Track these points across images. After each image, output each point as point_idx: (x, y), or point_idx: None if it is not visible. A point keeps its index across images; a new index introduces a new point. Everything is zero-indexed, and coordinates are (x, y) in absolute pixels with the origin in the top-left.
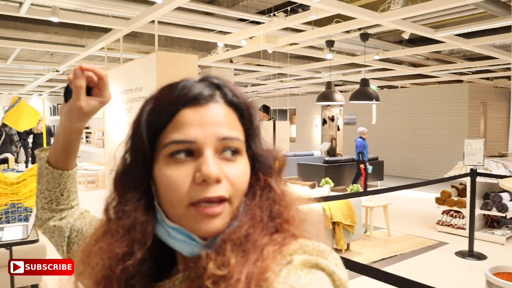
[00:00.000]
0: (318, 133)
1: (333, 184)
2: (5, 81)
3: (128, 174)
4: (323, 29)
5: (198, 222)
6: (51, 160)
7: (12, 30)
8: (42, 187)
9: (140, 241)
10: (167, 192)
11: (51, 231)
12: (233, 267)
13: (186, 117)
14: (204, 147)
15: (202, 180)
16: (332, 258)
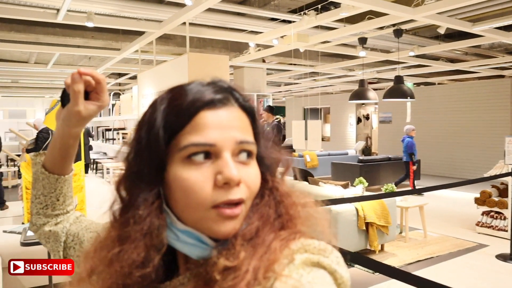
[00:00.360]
0: (352, 131)
1: (367, 184)
2: (46, 85)
3: (140, 176)
4: (355, 26)
5: (218, 224)
6: (47, 165)
7: (51, 36)
8: (38, 192)
9: (157, 246)
10: (184, 195)
11: (47, 236)
12: (242, 260)
13: (205, 119)
14: (223, 150)
15: (224, 183)
16: (334, 257)
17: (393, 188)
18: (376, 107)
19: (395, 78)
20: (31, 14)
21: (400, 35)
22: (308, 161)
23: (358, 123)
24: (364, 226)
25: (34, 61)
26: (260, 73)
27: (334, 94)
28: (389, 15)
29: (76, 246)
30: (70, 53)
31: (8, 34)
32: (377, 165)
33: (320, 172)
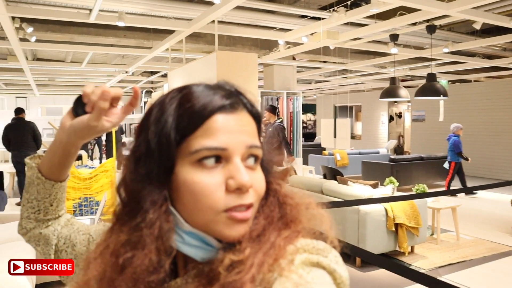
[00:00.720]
0: (384, 130)
1: (397, 183)
2: (81, 83)
3: (149, 178)
4: (386, 23)
5: (229, 228)
6: (44, 170)
7: (85, 36)
8: (31, 197)
9: (167, 250)
10: (194, 199)
11: (37, 239)
12: (248, 255)
13: (217, 124)
14: (233, 154)
15: (236, 188)
16: (333, 256)
17: (424, 189)
18: (409, 105)
19: (428, 75)
20: (66, 15)
21: (433, 31)
22: (339, 159)
23: (390, 121)
24: (393, 227)
25: (70, 60)
26: (290, 71)
27: (366, 91)
28: (422, 11)
29: (68, 249)
30: (103, 52)
31: (45, 34)
32: (409, 164)
33: (350, 171)
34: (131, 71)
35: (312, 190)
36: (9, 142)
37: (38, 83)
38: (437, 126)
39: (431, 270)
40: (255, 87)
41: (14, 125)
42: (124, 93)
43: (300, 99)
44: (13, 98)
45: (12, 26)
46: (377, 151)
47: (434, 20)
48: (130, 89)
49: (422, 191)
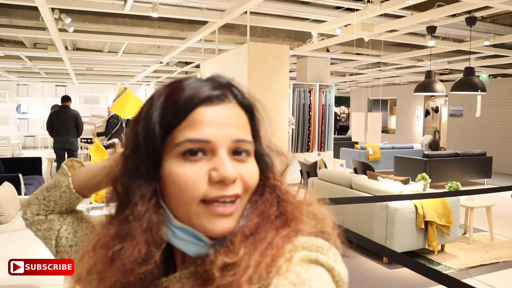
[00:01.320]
0: (420, 124)
1: (430, 180)
2: (118, 72)
3: (137, 172)
4: (423, 14)
5: (211, 221)
6: (76, 184)
7: (121, 26)
8: (50, 197)
9: (157, 242)
10: (178, 191)
11: (41, 223)
12: (241, 256)
13: (202, 116)
14: (218, 147)
15: (219, 179)
16: (331, 254)
17: (457, 187)
18: (446, 99)
19: (465, 69)
20: (101, 6)
21: (473, 23)
22: (371, 154)
23: (426, 115)
24: (423, 224)
25: (108, 50)
26: (324, 63)
27: (402, 85)
28: (461, 2)
29: (69, 236)
30: (138, 42)
31: (83, 25)
32: (443, 160)
33: (383, 165)
34: (166, 61)
35: (341, 184)
36: (52, 128)
37: (77, 72)
38: (475, 122)
39: (461, 270)
40: (286, 79)
41: (59, 112)
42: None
43: (333, 91)
44: (53, 86)
45: (51, 17)
46: (411, 146)
47: (475, 11)
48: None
49: (455, 188)
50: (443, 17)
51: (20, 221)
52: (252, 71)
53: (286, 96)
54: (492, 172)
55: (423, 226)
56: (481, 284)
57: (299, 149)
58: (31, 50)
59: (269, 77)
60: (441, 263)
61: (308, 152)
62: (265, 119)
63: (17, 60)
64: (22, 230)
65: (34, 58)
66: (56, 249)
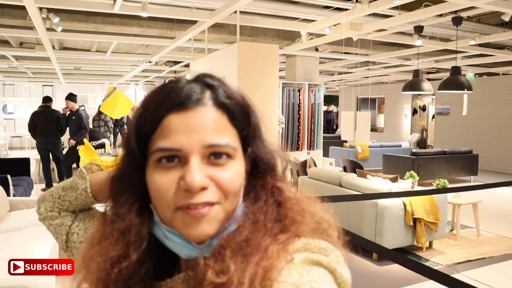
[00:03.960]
0: (407, 123)
1: (418, 178)
2: (106, 72)
3: (122, 178)
4: (411, 14)
5: (187, 226)
6: (92, 187)
7: (110, 25)
8: (65, 197)
9: (135, 243)
10: (155, 197)
11: (54, 217)
12: (232, 273)
13: (171, 124)
14: (189, 154)
15: (185, 189)
16: (334, 256)
17: (445, 184)
18: (434, 98)
19: (452, 68)
20: (90, 5)
21: (459, 23)
22: (359, 152)
23: (413, 114)
24: (411, 221)
25: (96, 49)
26: (313, 62)
27: (390, 84)
28: (448, 2)
29: (80, 232)
30: (128, 41)
31: (71, 24)
32: (431, 158)
33: (371, 164)
34: (155, 61)
35: (331, 182)
36: (35, 128)
37: (64, 72)
38: (461, 120)
39: (449, 266)
40: (276, 78)
41: (41, 112)
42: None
43: (322, 90)
44: (40, 86)
45: (39, 16)
46: (399, 144)
47: (461, 11)
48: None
49: (443, 186)
50: (430, 17)
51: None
52: (242, 70)
53: (276, 95)
54: (478, 170)
55: (412, 223)
56: (468, 279)
57: (289, 148)
58: (18, 49)
59: (259, 76)
60: (429, 259)
61: (298, 150)
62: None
63: (3, 59)
64: (12, 231)
65: (21, 57)
66: (67, 244)
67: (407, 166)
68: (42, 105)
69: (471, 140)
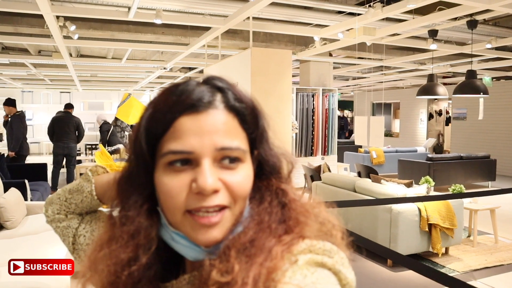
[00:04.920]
0: (423, 128)
1: (433, 183)
2: (122, 78)
3: (130, 179)
4: (425, 18)
5: (195, 231)
6: (98, 191)
7: (125, 33)
8: (72, 200)
9: (145, 246)
10: (164, 199)
11: (61, 220)
12: (237, 273)
13: (183, 126)
14: (201, 157)
15: (198, 191)
16: (338, 257)
17: (461, 189)
18: (450, 102)
19: (467, 72)
20: (106, 13)
21: (474, 27)
22: (374, 157)
23: (429, 119)
24: (426, 227)
25: (112, 56)
26: (327, 67)
27: (405, 88)
28: (462, 5)
29: (87, 234)
30: (142, 48)
31: (87, 32)
32: (447, 163)
33: (387, 169)
34: (169, 67)
35: (345, 187)
36: (53, 133)
37: (81, 79)
38: (478, 124)
39: (465, 272)
40: (289, 84)
41: (61, 117)
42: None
43: (336, 95)
44: (58, 93)
45: (56, 25)
46: (414, 150)
47: (477, 14)
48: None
49: (459, 191)
50: (444, 21)
51: (27, 226)
52: (255, 76)
53: (289, 100)
54: (496, 175)
55: (427, 229)
56: (486, 286)
57: (303, 153)
58: (36, 57)
59: (272, 82)
60: (445, 266)
61: (312, 156)
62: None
63: (22, 67)
64: (29, 235)
65: (39, 65)
66: (74, 246)
67: (422, 172)
68: (63, 110)
69: (489, 145)
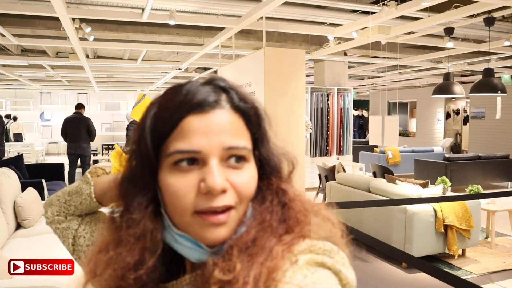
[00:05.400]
0: (440, 127)
1: (450, 183)
2: (138, 79)
3: (134, 180)
4: (441, 16)
5: (204, 230)
6: (97, 193)
7: (140, 34)
8: (71, 202)
9: (151, 249)
10: (171, 200)
11: (60, 221)
12: (238, 272)
13: (190, 125)
14: (209, 157)
15: (207, 191)
16: (339, 257)
17: (478, 190)
18: (468, 101)
19: (484, 70)
20: (120, 15)
21: (492, 24)
22: (390, 157)
23: (447, 118)
24: (442, 228)
25: (128, 57)
26: (341, 67)
27: (422, 87)
28: (479, 2)
29: (86, 235)
30: (157, 49)
31: (103, 33)
32: (464, 163)
33: (402, 169)
34: (184, 68)
35: (359, 188)
36: (66, 134)
37: (98, 80)
38: (497, 124)
39: (482, 275)
40: (302, 83)
41: (72, 118)
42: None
43: (351, 95)
44: (75, 94)
45: (72, 27)
46: (431, 149)
47: (495, 11)
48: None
49: (476, 192)
50: (461, 18)
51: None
52: (269, 76)
53: (302, 100)
54: None
55: (443, 230)
56: None
57: (318, 153)
58: (53, 59)
59: (285, 81)
60: (462, 268)
61: (327, 156)
62: (267, 121)
63: (40, 69)
64: (46, 234)
65: (56, 66)
66: (73, 247)
67: (439, 172)
68: (75, 111)
69: (508, 144)
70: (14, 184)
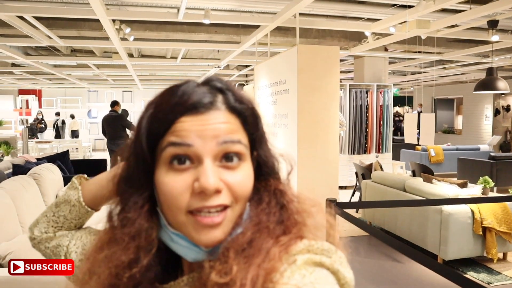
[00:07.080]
0: (488, 124)
1: (492, 184)
2: (179, 76)
3: (130, 180)
4: (484, 8)
5: (198, 232)
6: (86, 197)
7: (179, 33)
8: (60, 213)
9: (146, 248)
10: (166, 199)
11: (49, 240)
12: (235, 274)
13: (185, 125)
14: (203, 154)
15: (200, 191)
16: (337, 257)
17: None
18: None
19: None
20: (156, 15)
21: None
22: (433, 156)
23: (496, 115)
24: (480, 230)
25: (170, 56)
26: (382, 62)
27: (468, 83)
28: None
29: (78, 250)
30: (195, 48)
31: (144, 33)
32: None
33: (446, 168)
34: (223, 66)
35: (395, 187)
36: (104, 132)
37: (141, 78)
38: None
39: None
40: (336, 80)
41: (107, 117)
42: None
43: (391, 91)
44: (120, 92)
45: (112, 28)
46: (477, 148)
47: None
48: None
49: None
50: (507, 9)
51: None
52: (302, 73)
53: (336, 97)
54: None
55: (481, 232)
56: None
57: (356, 151)
58: (98, 58)
59: (319, 78)
60: (501, 273)
61: (365, 153)
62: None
63: (87, 68)
64: None
65: (101, 66)
66: None
67: (484, 171)
68: (110, 110)
69: None
70: (56, 179)
